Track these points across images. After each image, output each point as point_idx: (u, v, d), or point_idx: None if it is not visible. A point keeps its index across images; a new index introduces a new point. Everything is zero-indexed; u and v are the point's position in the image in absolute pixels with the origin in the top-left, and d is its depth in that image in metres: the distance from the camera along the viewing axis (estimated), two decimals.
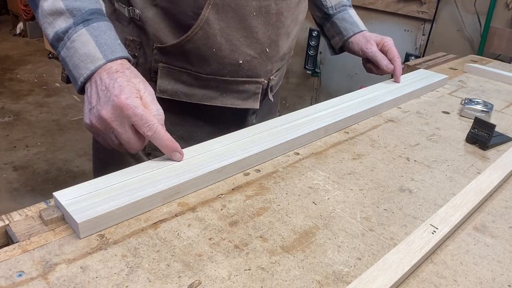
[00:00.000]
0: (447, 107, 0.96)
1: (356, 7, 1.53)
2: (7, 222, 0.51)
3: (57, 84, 3.69)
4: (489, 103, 0.92)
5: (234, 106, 0.85)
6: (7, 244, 0.50)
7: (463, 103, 0.93)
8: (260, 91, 0.86)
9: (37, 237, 0.49)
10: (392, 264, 0.48)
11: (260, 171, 0.66)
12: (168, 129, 0.61)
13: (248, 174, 0.65)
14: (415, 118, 0.90)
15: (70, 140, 2.88)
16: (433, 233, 0.53)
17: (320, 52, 2.87)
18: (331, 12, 1.05)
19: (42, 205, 0.54)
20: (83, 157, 2.69)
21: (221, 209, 0.57)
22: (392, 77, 1.03)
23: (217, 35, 0.75)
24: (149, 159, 0.63)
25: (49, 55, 4.24)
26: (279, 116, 0.81)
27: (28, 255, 0.47)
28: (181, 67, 0.79)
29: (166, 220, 0.54)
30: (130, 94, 0.58)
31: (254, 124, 0.83)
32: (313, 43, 2.85)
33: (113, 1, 0.81)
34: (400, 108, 0.94)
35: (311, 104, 0.90)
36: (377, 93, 0.94)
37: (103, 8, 0.68)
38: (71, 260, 0.47)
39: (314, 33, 2.81)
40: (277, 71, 0.89)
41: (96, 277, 0.45)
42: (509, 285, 0.49)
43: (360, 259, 0.51)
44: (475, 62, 1.31)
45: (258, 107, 0.88)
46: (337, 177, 0.66)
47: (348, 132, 0.81)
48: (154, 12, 0.76)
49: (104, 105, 0.58)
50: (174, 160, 0.62)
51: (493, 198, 0.65)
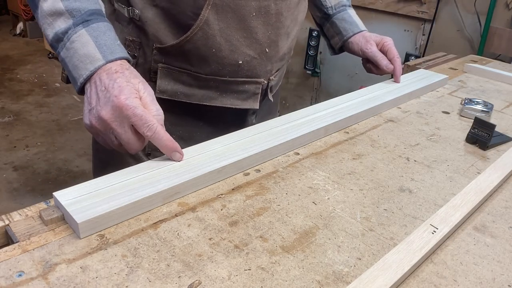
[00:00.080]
0: (447, 107, 0.96)
1: (356, 7, 1.53)
2: (7, 222, 0.51)
3: (57, 84, 3.69)
4: (489, 103, 0.92)
5: (233, 106, 0.85)
6: (7, 244, 0.50)
7: (463, 103, 0.93)
8: (260, 91, 0.86)
9: (37, 237, 0.49)
10: (392, 264, 0.48)
11: (260, 171, 0.66)
12: (167, 130, 0.60)
13: (248, 174, 0.65)
14: (415, 118, 0.90)
15: (70, 140, 2.88)
16: (433, 233, 0.53)
17: (320, 52, 2.87)
18: (330, 12, 1.05)
19: (42, 205, 0.54)
20: (83, 157, 2.70)
21: (221, 209, 0.57)
22: (392, 77, 1.03)
23: (217, 35, 0.75)
24: (149, 160, 0.63)
25: (49, 55, 4.25)
26: (279, 116, 0.81)
27: (28, 255, 0.47)
28: (181, 67, 0.80)
29: (166, 220, 0.54)
30: (129, 95, 0.58)
31: (254, 124, 0.83)
32: (313, 43, 2.85)
33: (113, 1, 0.81)
34: (400, 108, 0.94)
35: (311, 104, 0.90)
36: (377, 93, 0.95)
37: (103, 9, 0.68)
38: (71, 260, 0.47)
39: (314, 33, 2.81)
40: (276, 71, 0.89)
41: (96, 277, 0.45)
42: (509, 285, 0.49)
43: (360, 259, 0.51)
44: (475, 62, 1.31)
45: (257, 107, 0.88)
46: (337, 177, 0.66)
47: (348, 132, 0.81)
48: (153, 13, 0.76)
49: (104, 105, 0.58)
50: (174, 160, 0.62)
51: (493, 198, 0.65)
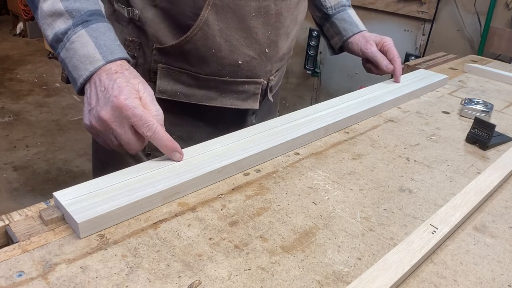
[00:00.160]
0: (447, 107, 0.96)
1: (356, 7, 1.53)
2: (7, 222, 0.51)
3: (57, 84, 3.69)
4: (489, 103, 0.92)
5: (233, 107, 0.85)
6: (7, 244, 0.50)
7: (463, 103, 0.93)
8: (260, 92, 0.86)
9: (37, 237, 0.49)
10: (392, 264, 0.48)
11: (260, 171, 0.66)
12: (167, 130, 0.60)
13: (248, 174, 0.65)
14: (415, 118, 0.90)
15: (70, 140, 2.88)
16: (433, 233, 0.53)
17: (320, 52, 2.87)
18: (330, 12, 1.05)
19: (42, 205, 0.54)
20: (83, 157, 2.70)
21: (221, 209, 0.57)
22: (392, 77, 1.03)
23: (217, 35, 0.75)
24: (149, 160, 0.63)
25: (49, 55, 4.25)
26: (279, 116, 0.81)
27: (28, 255, 0.47)
28: (181, 67, 0.80)
29: (166, 220, 0.54)
30: (129, 95, 0.58)
31: (253, 124, 0.83)
32: (313, 43, 2.85)
33: (113, 1, 0.81)
34: (400, 108, 0.94)
35: (311, 104, 0.90)
36: (377, 93, 0.94)
37: (103, 9, 0.68)
38: (71, 260, 0.47)
39: (314, 33, 2.81)
40: (276, 71, 0.89)
41: (96, 277, 0.45)
42: (509, 285, 0.49)
43: (360, 259, 0.51)
44: (475, 62, 1.31)
45: (257, 107, 0.88)
46: (337, 177, 0.66)
47: (348, 132, 0.81)
48: (153, 13, 0.76)
49: (104, 106, 0.58)
50: (174, 160, 0.62)
51: (493, 198, 0.65)
